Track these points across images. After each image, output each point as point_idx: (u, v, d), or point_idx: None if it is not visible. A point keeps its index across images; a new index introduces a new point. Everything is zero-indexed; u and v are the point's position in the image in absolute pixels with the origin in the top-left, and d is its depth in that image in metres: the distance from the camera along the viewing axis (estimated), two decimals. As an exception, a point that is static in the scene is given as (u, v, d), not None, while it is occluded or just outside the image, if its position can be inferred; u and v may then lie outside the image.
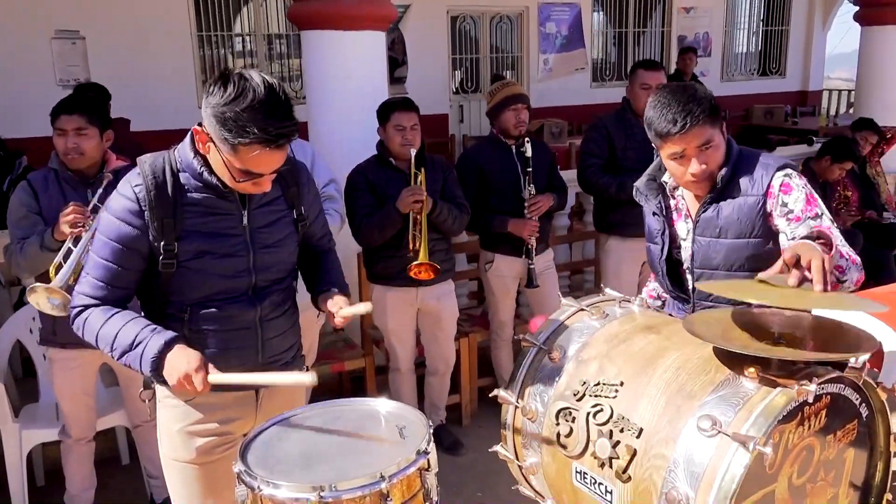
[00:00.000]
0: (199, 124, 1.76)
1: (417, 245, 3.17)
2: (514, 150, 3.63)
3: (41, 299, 2.36)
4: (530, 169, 3.56)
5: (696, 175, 2.04)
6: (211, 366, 1.75)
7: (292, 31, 8.65)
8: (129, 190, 1.79)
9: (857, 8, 6.30)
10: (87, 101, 2.80)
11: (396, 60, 9.28)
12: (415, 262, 3.13)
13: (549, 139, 7.76)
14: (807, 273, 1.63)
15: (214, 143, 1.72)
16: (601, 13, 10.85)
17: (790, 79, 12.34)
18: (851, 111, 10.57)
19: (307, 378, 1.69)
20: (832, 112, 12.41)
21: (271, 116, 1.66)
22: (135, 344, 1.78)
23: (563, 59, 10.26)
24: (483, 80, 9.96)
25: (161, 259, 1.80)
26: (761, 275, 1.71)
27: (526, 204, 3.54)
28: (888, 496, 1.81)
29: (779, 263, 1.68)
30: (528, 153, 3.55)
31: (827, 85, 13.29)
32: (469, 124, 9.90)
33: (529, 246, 3.59)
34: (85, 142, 2.67)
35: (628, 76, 3.82)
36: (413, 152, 3.23)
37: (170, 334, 1.79)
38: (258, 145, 1.67)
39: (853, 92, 12.45)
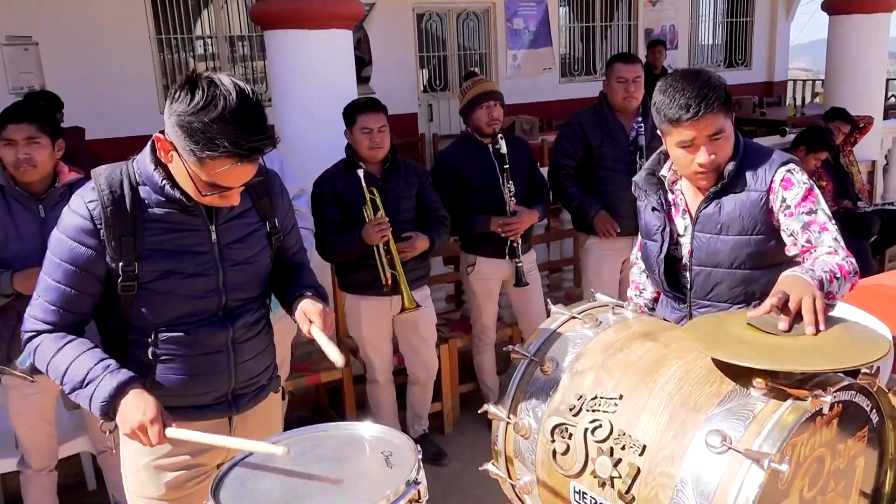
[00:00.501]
0: (162, 132, 1.61)
1: (388, 276, 3.11)
2: (490, 149, 3.53)
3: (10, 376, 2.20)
4: (507, 166, 3.46)
5: (705, 165, 1.95)
6: (169, 418, 1.61)
7: (255, 32, 8.46)
8: (82, 206, 1.64)
9: (822, -2, 6.30)
10: (36, 108, 2.63)
11: (363, 60, 9.13)
12: (403, 309, 3.15)
13: (521, 136, 7.67)
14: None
15: (178, 153, 1.57)
16: (567, 8, 10.81)
17: (756, 70, 12.42)
18: (817, 100, 10.67)
19: (279, 450, 1.49)
20: (798, 102, 12.52)
21: (243, 128, 1.51)
22: (86, 382, 1.62)
23: (532, 56, 10.20)
24: (451, 78, 9.86)
25: (120, 281, 1.65)
26: (750, 314, 1.62)
27: (501, 223, 3.45)
28: (899, 503, 1.73)
29: (768, 302, 1.59)
30: (503, 150, 3.44)
31: (789, 75, 13.41)
32: (439, 123, 9.79)
33: (514, 244, 3.49)
34: (37, 152, 2.50)
35: (605, 70, 3.73)
36: (361, 173, 3.10)
37: (124, 376, 1.62)
38: (228, 159, 1.53)
39: (817, 81, 12.64)
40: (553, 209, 4.83)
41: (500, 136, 3.48)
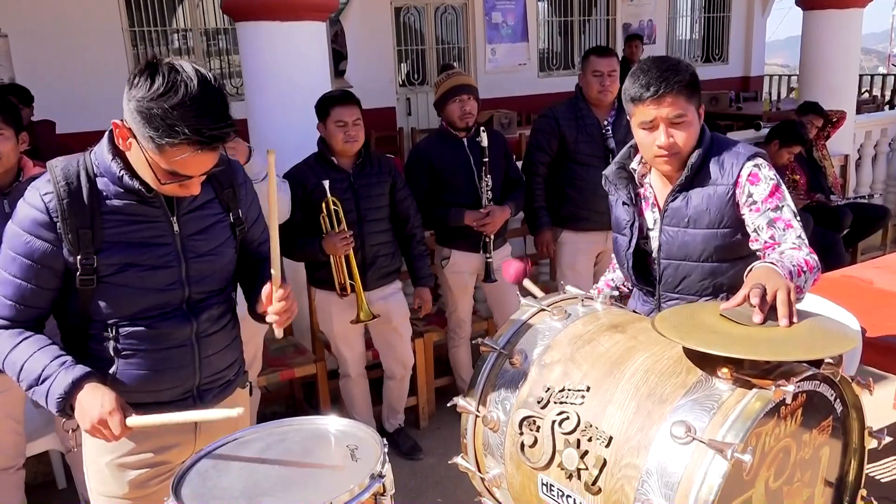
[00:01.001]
0: (122, 120, 1.58)
1: (344, 281, 3.12)
2: (466, 143, 3.51)
3: None
4: (486, 159, 3.44)
5: (664, 147, 1.96)
6: (129, 409, 1.59)
7: (231, 25, 8.37)
8: (38, 199, 1.60)
9: (798, -7, 6.34)
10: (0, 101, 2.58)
11: (340, 54, 9.07)
12: (358, 317, 3.15)
13: (499, 130, 7.66)
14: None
15: (137, 139, 1.54)
16: (545, 2, 10.82)
17: (732, 65, 12.51)
18: (792, 95, 10.77)
19: (233, 412, 1.50)
20: (773, 97, 12.63)
21: (205, 115, 1.49)
22: (41, 379, 1.59)
23: (510, 50, 10.21)
24: (430, 72, 9.83)
25: (78, 275, 1.62)
26: (723, 307, 1.62)
27: (475, 224, 3.44)
28: (863, 492, 1.75)
29: (741, 294, 1.59)
30: (484, 143, 3.42)
31: (766, 71, 13.53)
32: (417, 117, 9.76)
33: (487, 239, 3.49)
34: (1, 144, 2.45)
35: (581, 63, 3.72)
36: (327, 184, 3.04)
37: (79, 371, 1.60)
38: (188, 147, 1.50)
39: (793, 77, 12.77)
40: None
41: (481, 128, 3.46)
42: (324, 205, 3.07)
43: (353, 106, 3.12)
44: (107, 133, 1.65)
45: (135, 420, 1.57)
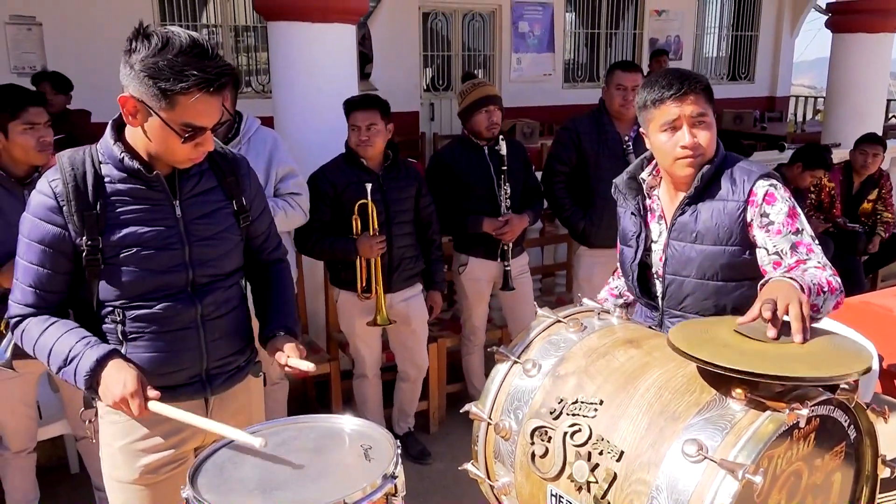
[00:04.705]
0: (129, 95, 1.63)
1: (364, 283, 3.16)
2: (486, 151, 3.53)
3: None
4: (505, 167, 3.46)
5: (688, 147, 1.92)
6: (151, 390, 1.64)
7: (260, 23, 8.47)
8: (46, 186, 1.68)
9: (827, 15, 6.32)
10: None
11: (367, 56, 9.12)
12: (376, 321, 3.20)
13: (521, 140, 7.67)
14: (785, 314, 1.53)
15: (147, 105, 1.60)
16: (573, 14, 10.83)
17: (759, 84, 12.45)
18: (818, 118, 10.70)
19: (256, 441, 1.53)
20: (799, 118, 12.55)
21: (205, 58, 1.59)
22: (69, 359, 1.66)
23: (536, 60, 10.23)
24: (454, 78, 9.87)
25: (84, 255, 1.68)
26: (739, 321, 1.61)
27: (493, 231, 3.47)
28: (874, 520, 1.74)
29: (756, 308, 1.57)
30: (503, 151, 3.44)
31: (792, 91, 13.45)
32: (440, 122, 9.81)
33: (505, 247, 3.50)
34: (31, 136, 2.52)
35: (605, 76, 3.73)
36: (369, 188, 3.09)
37: (104, 349, 1.66)
38: (198, 90, 1.58)
39: (819, 99, 12.69)
40: (548, 214, 4.85)
41: (500, 137, 3.48)
42: (357, 206, 3.10)
43: (368, 111, 3.13)
44: (110, 122, 1.73)
45: (155, 406, 1.62)
